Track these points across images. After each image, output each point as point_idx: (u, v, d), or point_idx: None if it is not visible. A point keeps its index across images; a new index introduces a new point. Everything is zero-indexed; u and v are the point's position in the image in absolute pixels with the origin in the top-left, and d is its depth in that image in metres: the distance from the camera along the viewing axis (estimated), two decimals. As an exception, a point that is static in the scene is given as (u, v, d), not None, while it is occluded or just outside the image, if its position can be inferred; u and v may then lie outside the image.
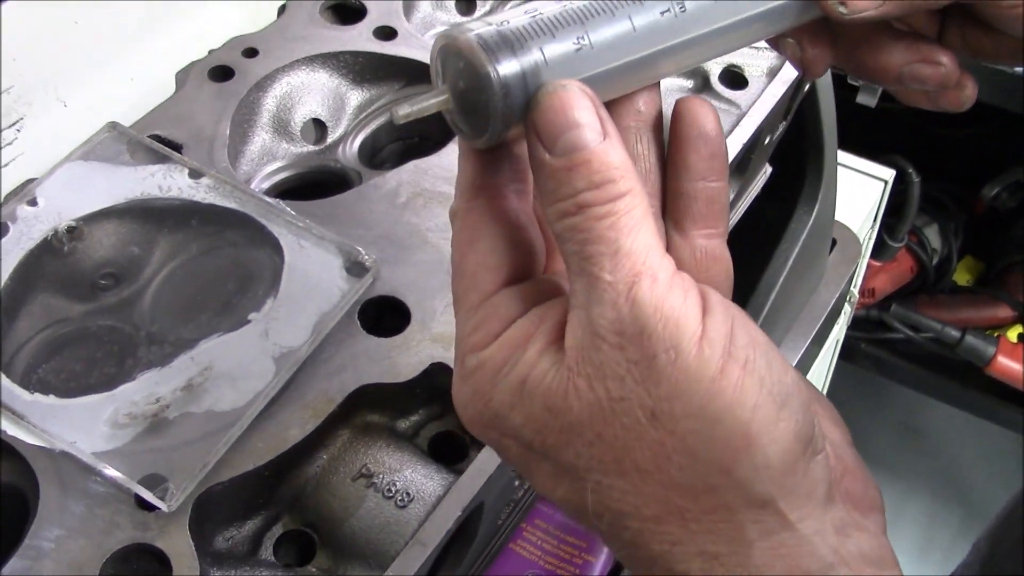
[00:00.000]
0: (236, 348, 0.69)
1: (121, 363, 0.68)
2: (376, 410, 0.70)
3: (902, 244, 1.90)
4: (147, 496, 0.62)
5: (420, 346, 0.70)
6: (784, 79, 0.93)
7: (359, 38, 0.90)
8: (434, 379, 0.71)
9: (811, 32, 0.53)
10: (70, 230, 0.73)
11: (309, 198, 0.79)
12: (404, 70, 0.90)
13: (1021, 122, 1.83)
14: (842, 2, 0.48)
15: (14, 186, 1.11)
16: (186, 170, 0.77)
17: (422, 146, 0.92)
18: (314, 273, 0.73)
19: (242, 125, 0.84)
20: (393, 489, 0.66)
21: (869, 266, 1.94)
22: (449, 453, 0.71)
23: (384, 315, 0.73)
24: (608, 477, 0.43)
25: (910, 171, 1.75)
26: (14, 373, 0.67)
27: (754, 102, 0.91)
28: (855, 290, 1.58)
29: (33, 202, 0.74)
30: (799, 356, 1.29)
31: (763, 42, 0.92)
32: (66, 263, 0.73)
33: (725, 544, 0.42)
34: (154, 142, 0.78)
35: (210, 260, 0.74)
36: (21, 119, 1.10)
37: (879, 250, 1.90)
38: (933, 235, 2.05)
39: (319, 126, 0.88)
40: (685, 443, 0.41)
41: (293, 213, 0.75)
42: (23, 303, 0.71)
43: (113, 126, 0.78)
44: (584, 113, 0.43)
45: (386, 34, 0.90)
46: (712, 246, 0.49)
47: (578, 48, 0.44)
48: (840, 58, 0.54)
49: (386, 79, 0.90)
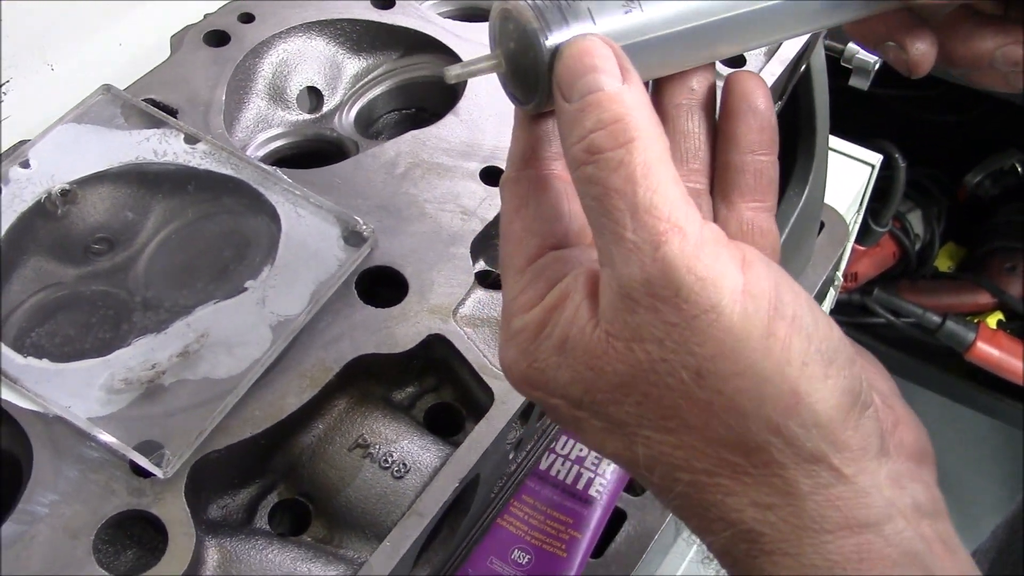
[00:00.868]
0: (233, 315, 0.68)
1: (116, 328, 0.67)
2: (373, 381, 0.70)
3: (886, 229, 1.91)
4: (142, 462, 0.61)
5: (418, 317, 0.70)
6: (782, 58, 0.92)
7: (357, 6, 0.89)
8: (431, 350, 0.70)
9: (910, 30, 0.52)
10: (64, 193, 0.72)
11: (305, 167, 0.78)
12: (402, 39, 0.89)
13: (1006, 109, 1.85)
14: None
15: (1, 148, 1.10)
16: (181, 135, 0.76)
17: (418, 117, 0.92)
18: (311, 242, 0.72)
19: (237, 91, 0.83)
20: (390, 460, 0.66)
21: (853, 250, 1.95)
22: (445, 425, 0.71)
23: (381, 286, 0.73)
24: (658, 433, 0.43)
25: (897, 156, 1.76)
26: (6, 337, 0.66)
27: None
28: (839, 274, 1.59)
29: (26, 164, 0.73)
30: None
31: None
32: (59, 226, 0.72)
33: (779, 496, 0.41)
34: (149, 106, 0.77)
35: (206, 226, 0.73)
36: (7, 82, 1.08)
37: (863, 235, 1.91)
38: (916, 221, 2.06)
39: (315, 94, 0.87)
40: (734, 402, 0.41)
41: (290, 181, 0.74)
42: (15, 266, 0.70)
43: (107, 88, 0.77)
44: (602, 60, 0.42)
45: (384, 3, 0.89)
46: (760, 219, 0.49)
47: (627, 11, 0.44)
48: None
49: (383, 48, 0.89)
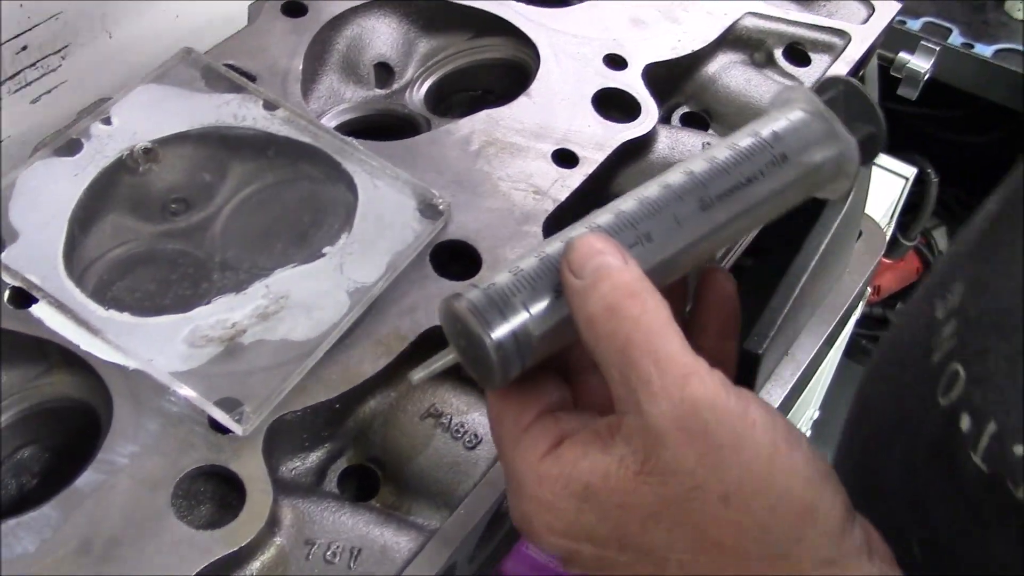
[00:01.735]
0: (311, 280, 0.68)
1: (196, 286, 0.68)
2: (444, 352, 0.70)
3: (914, 243, 1.92)
4: (222, 419, 0.61)
5: (491, 292, 0.70)
6: (848, 59, 0.93)
7: (431, -15, 0.89)
8: (503, 326, 0.71)
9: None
10: (146, 151, 0.72)
11: (376, 140, 0.79)
12: (474, 20, 0.89)
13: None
14: None
15: (52, 113, 1.10)
16: (261, 101, 0.76)
17: (485, 98, 0.92)
18: (388, 212, 0.72)
19: (313, 63, 0.83)
20: (462, 430, 0.66)
21: (878, 263, 1.95)
22: (513, 400, 0.71)
23: (454, 259, 0.73)
24: (690, 554, 0.47)
25: (929, 171, 1.77)
26: (84, 289, 0.66)
27: (817, 80, 0.92)
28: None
29: (107, 121, 0.73)
30: (821, 342, 1.30)
31: (827, 20, 0.93)
32: (139, 184, 0.72)
33: None
34: (230, 71, 0.77)
35: (284, 192, 0.74)
36: (66, 46, 1.09)
37: (890, 247, 1.91)
38: (941, 237, 2.07)
39: (387, 70, 0.88)
40: (758, 519, 0.45)
41: (368, 152, 0.75)
42: (94, 221, 0.71)
43: (188, 52, 0.78)
44: (607, 246, 0.49)
45: (457, -17, 0.89)
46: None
47: (557, 296, 0.49)
48: None
49: (455, 28, 0.90)
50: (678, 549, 0.47)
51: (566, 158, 0.79)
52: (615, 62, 0.86)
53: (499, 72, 0.90)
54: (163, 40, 1.03)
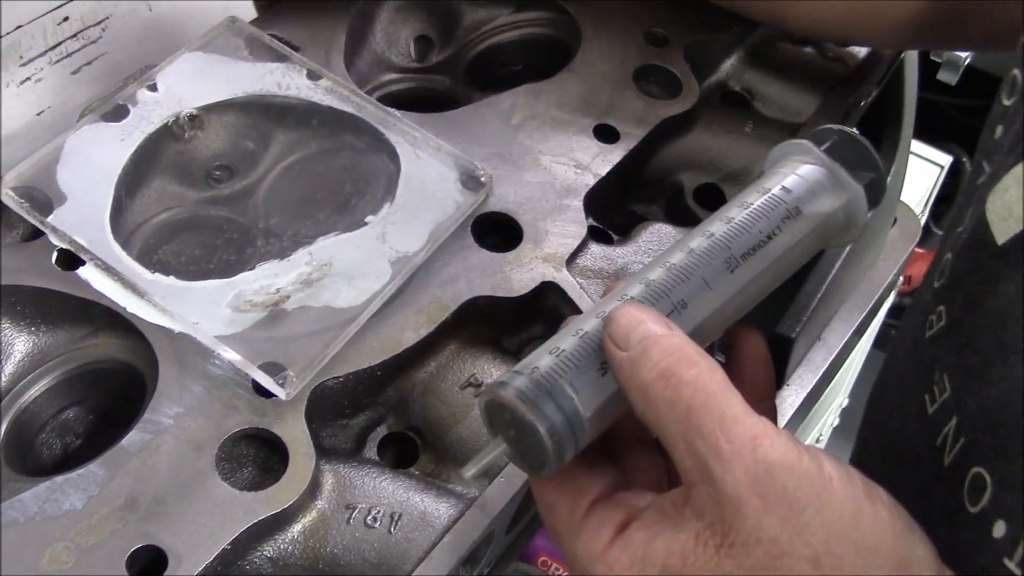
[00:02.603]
0: (354, 248, 0.69)
1: (240, 252, 0.68)
2: (484, 323, 0.71)
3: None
4: (266, 382, 0.62)
5: (532, 264, 0.71)
6: (891, 40, 0.92)
7: (474, -42, 0.89)
8: (543, 298, 0.71)
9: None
10: (192, 118, 0.72)
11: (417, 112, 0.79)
12: (516, -5, 0.89)
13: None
14: None
15: (92, 84, 1.11)
16: (304, 70, 0.76)
17: (525, 74, 0.92)
18: (430, 183, 0.72)
19: (355, 34, 0.84)
20: (501, 400, 0.67)
21: (911, 252, 1.94)
22: (552, 372, 0.71)
23: (495, 231, 0.73)
24: None
25: (965, 160, 1.75)
26: (130, 252, 0.67)
27: (861, 60, 0.91)
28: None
29: (153, 87, 0.74)
30: (853, 328, 1.30)
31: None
32: (184, 150, 0.73)
33: None
34: (274, 40, 0.77)
35: (327, 161, 0.74)
36: (107, 18, 1.09)
37: (923, 237, 1.90)
38: (974, 228, 2.04)
39: (427, 44, 0.88)
40: None
41: (410, 123, 0.75)
42: (139, 185, 0.71)
43: (233, 20, 0.78)
44: (649, 314, 0.48)
45: (500, -43, 0.89)
46: None
47: (603, 373, 0.49)
48: None
49: (497, 3, 0.90)
50: None
51: (607, 133, 0.79)
52: (656, 39, 0.86)
53: (540, 48, 0.90)
54: (203, 13, 1.04)
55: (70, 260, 0.66)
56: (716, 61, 0.90)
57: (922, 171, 1.59)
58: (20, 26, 0.98)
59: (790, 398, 1.16)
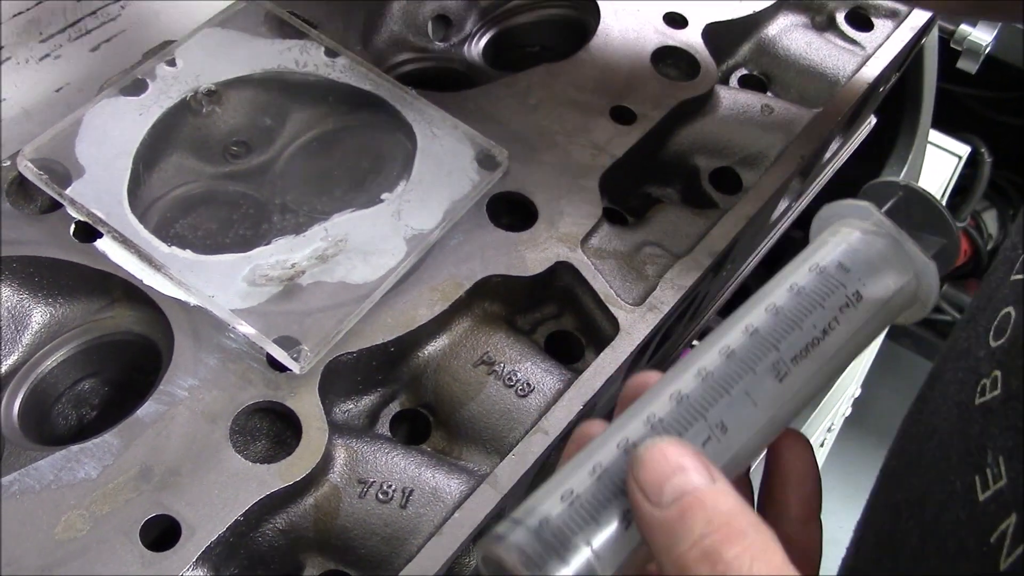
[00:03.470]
0: (369, 224, 0.69)
1: (256, 227, 0.68)
2: (498, 302, 0.71)
3: (963, 224, 1.90)
4: (280, 356, 0.62)
5: (547, 243, 0.71)
6: (912, 25, 0.92)
7: (492, -61, 0.89)
8: (557, 277, 0.71)
9: None
10: (209, 93, 0.73)
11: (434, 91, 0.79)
12: (534, -24, 0.89)
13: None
14: None
15: (110, 61, 1.11)
16: (322, 48, 0.76)
17: (542, 54, 0.92)
18: (446, 161, 0.73)
19: (374, 13, 0.84)
20: (514, 379, 0.67)
21: (926, 244, 1.93)
22: (565, 352, 0.71)
23: (510, 211, 0.73)
24: None
25: (983, 151, 1.74)
26: (147, 225, 0.67)
27: (880, 45, 0.90)
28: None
29: (172, 62, 0.74)
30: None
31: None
32: (201, 125, 0.73)
33: None
34: (293, 17, 0.77)
35: (344, 138, 0.74)
36: (125, -3, 1.09)
37: (938, 228, 1.89)
38: (991, 220, 2.04)
39: (445, 23, 0.88)
40: None
41: (426, 101, 0.75)
42: (157, 159, 0.72)
43: (252, -3, 0.78)
44: (688, 459, 0.40)
45: (519, -62, 0.89)
46: None
47: (626, 525, 0.40)
48: None
49: (515, -17, 0.90)
50: None
51: (624, 115, 0.79)
52: (675, 20, 0.86)
53: (557, 29, 0.90)
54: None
55: (88, 232, 0.66)
56: (734, 44, 0.90)
57: (940, 161, 1.59)
58: (40, 1, 0.99)
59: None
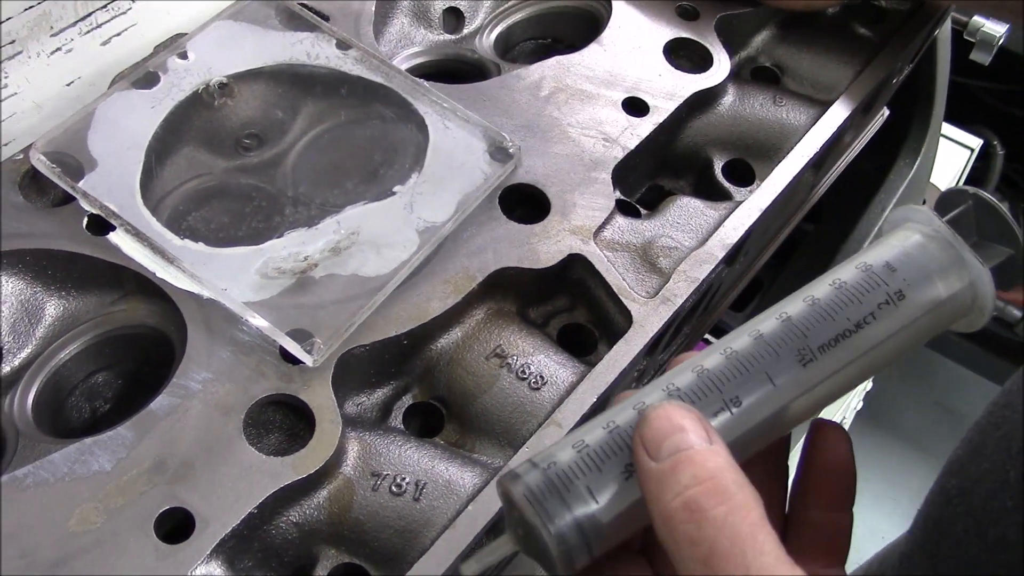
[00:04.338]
0: (381, 217, 0.69)
1: (268, 220, 0.68)
2: (510, 295, 0.71)
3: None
4: (293, 349, 0.62)
5: (559, 236, 0.70)
6: (924, 17, 0.91)
7: (503, -69, 0.89)
8: (570, 270, 0.71)
9: None
10: (221, 86, 0.73)
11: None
12: (545, -32, 0.89)
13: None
14: None
15: (117, 59, 1.11)
16: (334, 40, 0.76)
17: (553, 47, 0.92)
18: (458, 154, 0.72)
19: (385, 5, 0.83)
20: (527, 371, 0.67)
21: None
22: (578, 345, 0.71)
23: (522, 203, 0.73)
24: None
25: (995, 143, 1.73)
26: (159, 218, 0.67)
27: (893, 37, 0.90)
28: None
29: (184, 55, 0.74)
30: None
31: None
32: (213, 118, 0.73)
33: None
34: (304, 9, 0.77)
35: (356, 130, 0.74)
36: (136, -9, 1.09)
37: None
38: (1003, 213, 2.03)
39: (456, 16, 0.87)
40: None
41: (439, 93, 0.75)
42: (169, 153, 0.71)
43: (263, -10, 0.78)
44: (688, 420, 0.42)
45: (530, -71, 0.89)
46: None
47: (627, 476, 0.43)
48: None
49: (526, -25, 0.89)
50: None
51: (636, 106, 0.78)
52: (688, 12, 0.85)
53: (569, 20, 0.89)
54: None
55: (100, 225, 0.66)
56: (747, 35, 0.89)
57: (952, 153, 1.58)
58: (50, -4, 0.99)
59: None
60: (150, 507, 0.57)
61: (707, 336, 1.04)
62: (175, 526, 0.57)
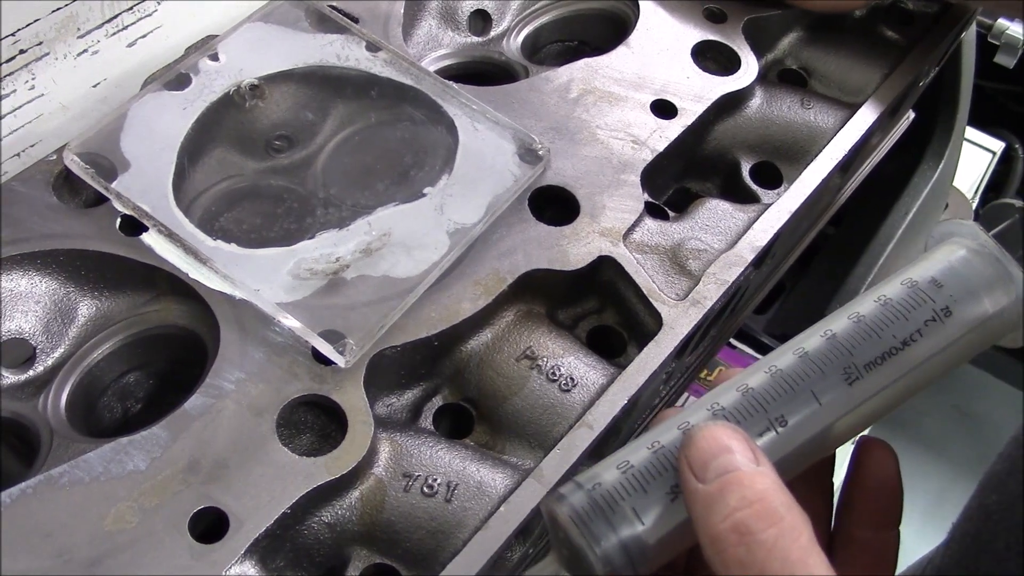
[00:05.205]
0: (412, 218, 0.69)
1: (300, 221, 0.69)
2: (540, 297, 0.71)
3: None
4: (326, 350, 0.62)
5: (589, 238, 0.70)
6: (952, 20, 0.91)
7: (531, -67, 0.89)
8: (599, 272, 0.71)
9: None
10: (253, 88, 0.73)
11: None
12: (573, -30, 0.89)
13: None
14: None
15: (143, 60, 1.12)
16: (364, 42, 0.76)
17: (580, 49, 0.92)
18: (488, 156, 0.72)
19: (413, 7, 0.84)
20: (557, 373, 0.67)
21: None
22: (607, 347, 0.71)
23: (552, 205, 0.73)
24: None
25: (1017, 146, 1.73)
26: (192, 219, 0.68)
27: (920, 39, 0.90)
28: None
29: (215, 57, 0.74)
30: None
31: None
32: (244, 119, 0.73)
33: None
34: (333, 11, 0.78)
35: (386, 132, 0.74)
36: (161, -7, 1.10)
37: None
38: (1023, 217, 2.02)
39: (484, 18, 0.88)
40: None
41: (468, 96, 0.75)
42: (200, 154, 0.72)
43: (293, -8, 0.78)
44: (735, 441, 0.42)
45: (558, -68, 0.89)
46: None
47: (672, 498, 0.43)
48: None
49: (554, -23, 0.89)
50: None
51: (665, 109, 0.78)
52: (715, 15, 0.85)
53: (597, 23, 0.89)
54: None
55: (133, 226, 0.67)
56: (774, 38, 0.89)
57: (974, 157, 1.57)
58: (77, -2, 0.99)
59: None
60: (185, 507, 0.57)
61: (732, 341, 1.04)
62: (209, 526, 0.57)
